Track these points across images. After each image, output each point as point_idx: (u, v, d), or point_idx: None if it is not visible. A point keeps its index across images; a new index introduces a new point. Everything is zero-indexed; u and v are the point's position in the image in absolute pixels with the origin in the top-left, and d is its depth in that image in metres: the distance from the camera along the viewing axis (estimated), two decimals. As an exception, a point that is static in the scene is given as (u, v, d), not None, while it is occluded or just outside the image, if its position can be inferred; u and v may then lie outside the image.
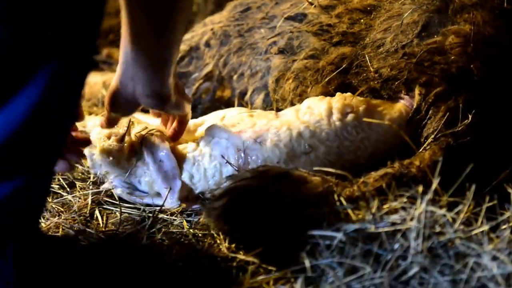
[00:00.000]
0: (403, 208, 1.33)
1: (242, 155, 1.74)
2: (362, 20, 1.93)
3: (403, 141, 1.68)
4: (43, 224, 1.71)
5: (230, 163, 1.74)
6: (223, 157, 1.75)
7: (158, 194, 1.82)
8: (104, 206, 1.83)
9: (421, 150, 1.69)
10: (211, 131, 1.81)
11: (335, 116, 1.76)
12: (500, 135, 1.73)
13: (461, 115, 1.70)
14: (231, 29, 2.21)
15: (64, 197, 1.85)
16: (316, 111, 1.78)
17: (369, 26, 1.91)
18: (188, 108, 1.78)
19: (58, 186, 1.90)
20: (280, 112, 1.85)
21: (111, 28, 2.82)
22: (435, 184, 1.31)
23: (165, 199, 1.77)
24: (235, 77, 2.18)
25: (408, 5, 1.86)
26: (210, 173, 1.77)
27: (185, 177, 1.79)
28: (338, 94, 1.83)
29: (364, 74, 1.86)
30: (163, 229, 1.69)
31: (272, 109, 1.99)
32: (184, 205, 1.78)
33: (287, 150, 1.74)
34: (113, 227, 1.72)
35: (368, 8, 1.94)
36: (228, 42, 2.22)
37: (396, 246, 1.29)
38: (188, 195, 1.80)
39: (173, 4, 1.42)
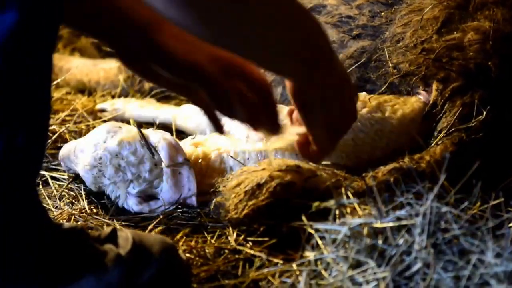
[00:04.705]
0: (409, 204, 1.31)
1: (262, 155, 1.76)
2: (383, 13, 1.92)
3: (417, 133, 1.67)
4: (55, 213, 1.73)
5: (236, 159, 1.74)
6: (232, 156, 1.76)
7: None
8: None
9: (433, 144, 1.68)
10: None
11: None
12: None
13: (476, 111, 1.69)
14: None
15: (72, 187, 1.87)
16: None
17: (390, 20, 1.90)
18: None
19: (68, 176, 1.91)
20: None
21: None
22: (441, 180, 1.30)
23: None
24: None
25: (429, 0, 1.85)
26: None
27: None
28: None
29: (383, 69, 1.85)
30: (173, 220, 1.70)
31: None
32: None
33: None
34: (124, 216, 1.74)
35: (390, 1, 1.93)
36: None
37: (401, 241, 1.28)
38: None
39: None
